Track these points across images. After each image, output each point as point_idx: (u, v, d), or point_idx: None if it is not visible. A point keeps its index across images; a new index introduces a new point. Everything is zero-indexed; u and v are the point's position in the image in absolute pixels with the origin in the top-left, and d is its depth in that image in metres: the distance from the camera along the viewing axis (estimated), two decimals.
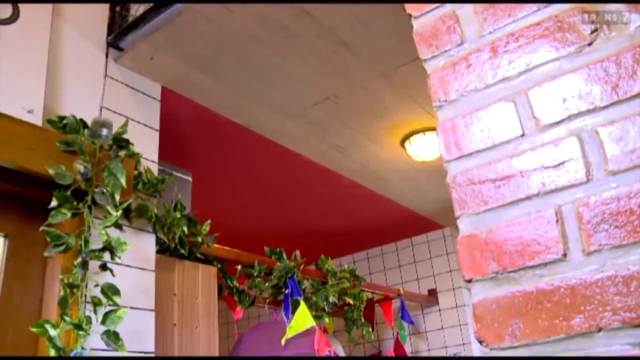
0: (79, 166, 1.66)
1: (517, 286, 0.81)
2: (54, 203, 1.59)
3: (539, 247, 0.81)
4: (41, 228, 1.57)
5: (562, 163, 0.82)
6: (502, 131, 0.88)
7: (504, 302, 0.81)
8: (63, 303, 1.56)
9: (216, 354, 2.19)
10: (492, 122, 0.89)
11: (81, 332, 1.53)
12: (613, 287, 0.76)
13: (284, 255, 2.62)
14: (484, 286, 0.83)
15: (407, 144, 2.93)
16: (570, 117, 0.83)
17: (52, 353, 1.50)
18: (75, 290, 1.59)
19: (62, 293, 1.57)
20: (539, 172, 0.83)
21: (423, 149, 2.93)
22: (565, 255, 0.79)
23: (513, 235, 0.82)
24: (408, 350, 3.77)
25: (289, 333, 2.48)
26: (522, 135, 0.86)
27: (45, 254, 1.59)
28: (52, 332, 1.51)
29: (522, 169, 0.85)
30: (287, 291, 2.55)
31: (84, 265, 1.60)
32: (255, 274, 2.47)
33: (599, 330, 0.76)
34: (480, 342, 0.81)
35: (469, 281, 0.83)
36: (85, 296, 1.61)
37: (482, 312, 0.82)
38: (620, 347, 0.75)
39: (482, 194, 0.86)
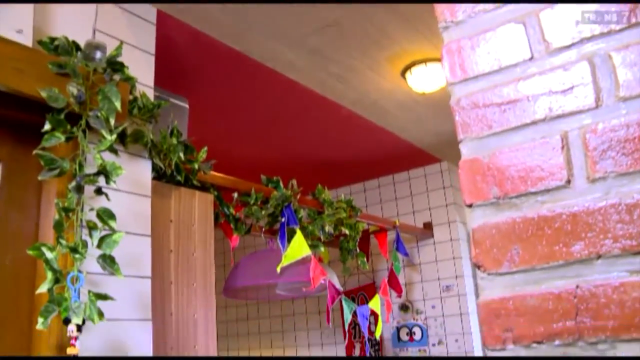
0: (72, 89, 1.62)
1: (518, 212, 0.80)
2: (47, 126, 1.56)
3: (543, 174, 0.79)
4: (35, 151, 1.54)
5: (571, 88, 0.79)
6: (509, 54, 0.85)
7: (504, 228, 0.80)
8: (58, 227, 1.55)
9: (212, 281, 2.22)
10: (500, 44, 0.86)
11: (77, 256, 1.53)
12: (616, 215, 0.75)
13: (281, 184, 2.61)
14: (484, 211, 0.81)
15: (408, 74, 2.88)
16: (582, 41, 0.80)
17: (49, 275, 1.51)
18: (70, 214, 1.58)
19: (57, 217, 1.56)
20: (547, 97, 0.81)
21: (424, 80, 2.88)
22: (569, 182, 0.77)
23: (516, 160, 0.81)
24: (402, 281, 3.83)
25: (285, 261, 2.50)
26: (531, 58, 0.83)
27: (40, 178, 1.57)
28: (49, 255, 1.51)
29: (529, 94, 0.82)
30: (283, 220, 2.55)
31: (79, 189, 1.58)
32: (252, 202, 2.46)
33: (599, 257, 0.75)
34: (478, 267, 0.81)
35: (470, 206, 0.82)
36: (81, 220, 1.61)
37: (481, 237, 0.81)
38: (618, 274, 0.74)
39: (487, 118, 0.84)
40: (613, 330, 0.74)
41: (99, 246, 1.57)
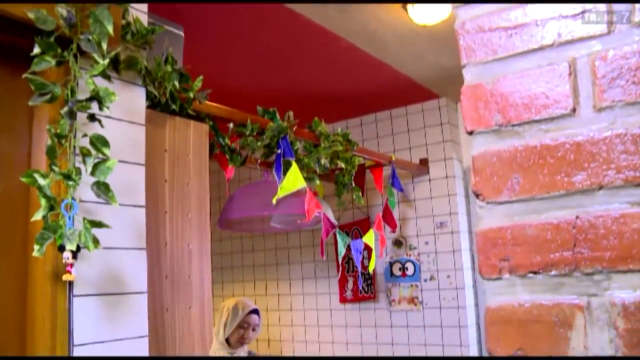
0: (62, 10, 1.56)
1: (520, 140, 0.78)
2: (36, 50, 1.52)
3: (547, 101, 0.76)
4: (24, 75, 1.50)
5: (583, 12, 0.76)
6: None
7: (506, 156, 0.78)
8: (51, 153, 1.53)
9: (207, 212, 2.22)
10: None
11: (70, 183, 1.52)
12: (621, 145, 0.73)
13: (277, 116, 2.58)
14: (485, 139, 0.79)
15: (409, 5, 2.80)
16: None
17: (43, 203, 1.50)
18: (63, 141, 1.56)
19: (49, 143, 1.53)
20: (556, 22, 0.77)
21: (425, 11, 2.80)
22: (574, 110, 0.75)
23: (521, 87, 0.78)
24: (396, 217, 3.85)
25: (280, 193, 2.50)
26: None
27: (30, 103, 1.53)
28: (42, 182, 1.49)
29: (538, 18, 0.78)
30: (279, 151, 2.54)
31: (71, 114, 1.55)
32: (248, 133, 2.44)
33: (600, 188, 0.74)
34: (477, 196, 0.79)
35: (471, 133, 0.80)
36: (74, 147, 1.58)
37: (481, 165, 0.79)
38: (619, 205, 0.73)
39: (492, 42, 0.80)
40: (610, 262, 0.73)
41: (92, 173, 1.56)
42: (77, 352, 1.58)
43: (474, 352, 3.76)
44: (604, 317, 0.74)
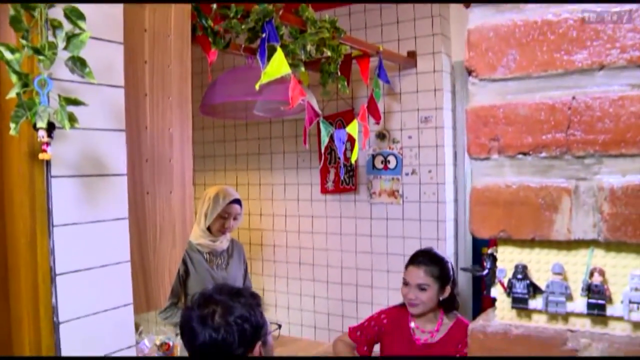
0: None
1: (520, 14, 0.73)
2: None
3: None
4: None
5: None
6: None
7: (503, 31, 0.74)
8: (16, 24, 1.44)
9: (188, 96, 2.15)
10: None
11: (42, 57, 1.44)
12: (628, 23, 0.69)
13: None
14: (483, 12, 0.75)
15: None
16: None
17: (14, 79, 1.43)
18: (31, 11, 1.46)
19: (12, 13, 1.44)
20: None
21: None
22: None
23: None
24: (381, 109, 3.81)
25: (264, 79, 2.43)
26: None
27: None
28: (9, 56, 1.41)
29: None
30: (263, 35, 2.44)
31: None
32: (232, 16, 2.33)
33: (601, 68, 0.70)
34: (470, 72, 0.76)
35: (468, 5, 0.75)
36: (46, 20, 1.49)
37: (477, 40, 0.75)
38: (619, 87, 0.70)
39: None
40: (603, 145, 0.71)
41: (66, 47, 1.48)
42: (57, 232, 1.57)
43: (450, 246, 3.86)
44: (591, 201, 0.73)
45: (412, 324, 2.87)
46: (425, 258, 2.84)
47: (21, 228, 1.58)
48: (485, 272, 0.81)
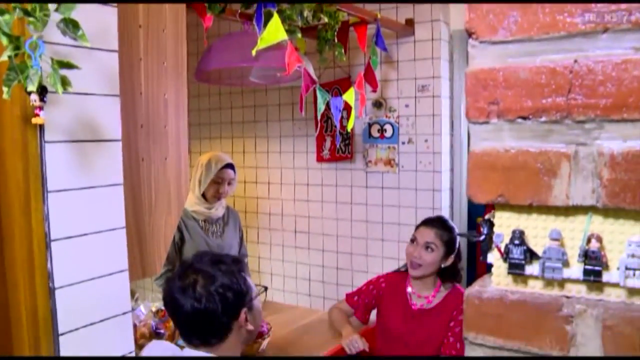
0: None
1: None
2: None
3: None
4: None
5: None
6: None
7: None
8: None
9: (184, 61, 2.13)
10: None
11: (32, 19, 1.41)
12: None
13: None
14: None
15: None
16: None
17: (5, 42, 1.40)
18: None
19: None
20: None
21: None
22: None
23: None
24: (378, 77, 3.78)
25: (260, 44, 2.39)
26: None
27: None
28: None
29: None
30: (260, 1, 2.40)
31: None
32: None
33: (605, 30, 0.69)
34: (470, 35, 0.74)
35: None
36: None
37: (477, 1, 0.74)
38: (622, 50, 0.68)
39: None
40: (604, 110, 0.70)
41: (57, 9, 1.45)
42: (51, 198, 1.56)
43: (445, 215, 3.87)
44: (590, 166, 0.72)
45: (409, 289, 2.89)
46: (438, 222, 2.89)
47: (15, 194, 1.57)
48: (482, 237, 0.81)
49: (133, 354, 1.79)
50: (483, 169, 0.75)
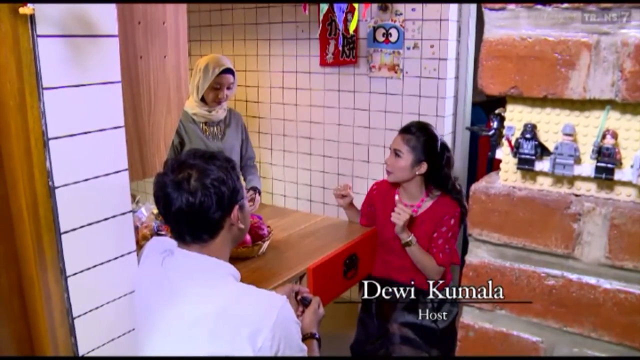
0: None
1: None
2: None
3: None
4: None
5: None
6: None
7: None
8: None
9: None
10: None
11: None
12: None
13: None
14: None
15: None
16: None
17: None
18: None
19: None
20: None
21: None
22: None
23: None
24: None
25: None
26: None
27: None
28: None
29: None
30: None
31: None
32: None
33: None
34: None
35: None
36: None
37: None
38: None
39: None
40: None
41: None
42: (47, 95, 1.52)
43: (448, 124, 3.83)
44: (612, 57, 0.68)
45: (397, 197, 2.90)
46: (410, 128, 2.82)
47: (8, 89, 1.52)
48: (492, 131, 0.78)
49: (134, 254, 1.80)
50: (497, 58, 0.71)
